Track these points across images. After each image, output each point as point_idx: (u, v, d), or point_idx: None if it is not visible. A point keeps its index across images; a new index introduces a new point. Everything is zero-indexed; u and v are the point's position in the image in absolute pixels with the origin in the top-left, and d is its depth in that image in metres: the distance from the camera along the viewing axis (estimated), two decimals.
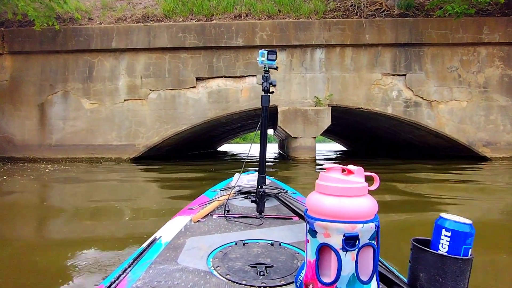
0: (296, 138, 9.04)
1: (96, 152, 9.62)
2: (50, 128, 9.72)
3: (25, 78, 9.71)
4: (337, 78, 9.23)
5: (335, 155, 15.04)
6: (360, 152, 18.48)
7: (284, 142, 13.98)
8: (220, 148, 26.25)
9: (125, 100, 9.58)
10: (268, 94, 1.36)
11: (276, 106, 9.32)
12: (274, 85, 1.36)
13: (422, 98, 9.11)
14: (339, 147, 29.62)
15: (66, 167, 7.31)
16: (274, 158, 12.39)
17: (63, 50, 9.58)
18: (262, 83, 1.36)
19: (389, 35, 9.03)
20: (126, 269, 0.80)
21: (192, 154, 14.84)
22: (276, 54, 1.35)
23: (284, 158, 12.24)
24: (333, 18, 9.32)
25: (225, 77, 9.40)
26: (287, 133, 9.10)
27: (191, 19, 9.74)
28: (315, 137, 9.09)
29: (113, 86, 9.61)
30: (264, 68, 1.37)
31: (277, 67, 1.40)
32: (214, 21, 9.51)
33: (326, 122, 8.95)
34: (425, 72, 9.11)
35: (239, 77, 9.38)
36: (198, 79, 9.44)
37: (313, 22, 9.12)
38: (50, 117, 9.72)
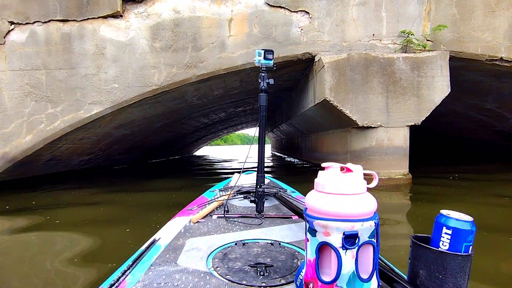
0: (367, 128, 3.83)
1: None
2: None
3: None
4: None
5: None
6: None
7: (301, 141, 8.69)
8: (198, 153, 20.42)
9: None
10: (266, 94, 1.31)
11: (314, 57, 4.06)
12: (272, 84, 1.32)
13: None
14: None
15: None
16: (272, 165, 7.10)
17: None
18: (260, 82, 1.32)
19: None
20: (125, 271, 0.77)
21: (152, 163, 9.27)
22: (273, 54, 1.34)
23: (296, 169, 7.00)
24: None
25: None
26: (347, 116, 3.86)
27: None
28: (411, 126, 3.89)
29: None
30: (262, 67, 1.34)
31: (275, 67, 1.38)
32: None
33: (441, 87, 3.79)
34: None
35: None
36: None
37: None
38: None
